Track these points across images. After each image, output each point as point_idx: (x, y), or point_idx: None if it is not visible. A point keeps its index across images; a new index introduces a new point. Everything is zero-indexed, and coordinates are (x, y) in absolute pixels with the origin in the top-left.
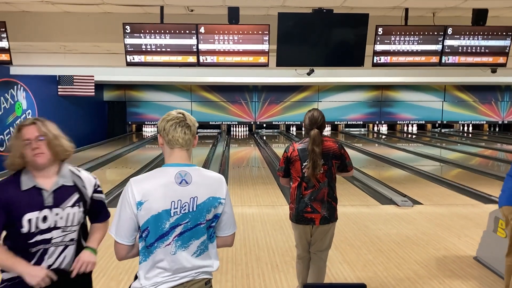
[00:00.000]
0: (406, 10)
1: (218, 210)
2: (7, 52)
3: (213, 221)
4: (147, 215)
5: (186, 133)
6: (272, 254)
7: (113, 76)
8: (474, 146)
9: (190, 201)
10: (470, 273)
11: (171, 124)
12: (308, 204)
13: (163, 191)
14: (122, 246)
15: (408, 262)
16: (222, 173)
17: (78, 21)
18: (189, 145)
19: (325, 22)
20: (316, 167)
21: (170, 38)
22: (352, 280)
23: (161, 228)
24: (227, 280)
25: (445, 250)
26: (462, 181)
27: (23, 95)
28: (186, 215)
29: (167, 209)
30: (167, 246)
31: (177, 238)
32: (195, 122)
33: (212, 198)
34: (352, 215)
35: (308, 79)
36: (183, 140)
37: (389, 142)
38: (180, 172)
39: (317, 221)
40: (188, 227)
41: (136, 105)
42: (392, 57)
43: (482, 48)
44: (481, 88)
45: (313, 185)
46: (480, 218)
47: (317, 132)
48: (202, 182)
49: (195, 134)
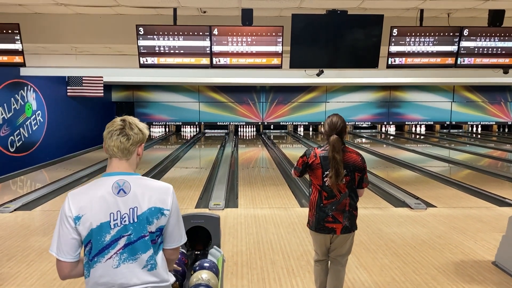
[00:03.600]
0: (421, 11)
1: (161, 222)
2: (20, 54)
3: (157, 234)
4: (87, 229)
5: (122, 142)
6: (287, 258)
7: (122, 76)
8: (483, 147)
9: (130, 212)
10: (490, 279)
11: (108, 132)
12: (329, 214)
13: (101, 203)
14: (65, 264)
15: (426, 266)
16: (232, 174)
17: (90, 23)
18: (128, 155)
19: (339, 23)
20: (339, 176)
21: (183, 40)
22: (370, 285)
23: (101, 242)
24: (243, 285)
25: (462, 255)
26: (473, 182)
27: (33, 96)
28: (128, 227)
29: (106, 221)
30: (108, 260)
31: (121, 251)
32: (140, 130)
33: (154, 209)
34: (365, 218)
35: (317, 79)
36: (118, 149)
37: (397, 143)
38: (118, 181)
39: (338, 231)
40: (131, 239)
41: (144, 105)
42: (407, 58)
43: (499, 49)
44: (490, 89)
45: (334, 195)
46: (495, 221)
47: (336, 138)
48: (142, 192)
49: (138, 143)
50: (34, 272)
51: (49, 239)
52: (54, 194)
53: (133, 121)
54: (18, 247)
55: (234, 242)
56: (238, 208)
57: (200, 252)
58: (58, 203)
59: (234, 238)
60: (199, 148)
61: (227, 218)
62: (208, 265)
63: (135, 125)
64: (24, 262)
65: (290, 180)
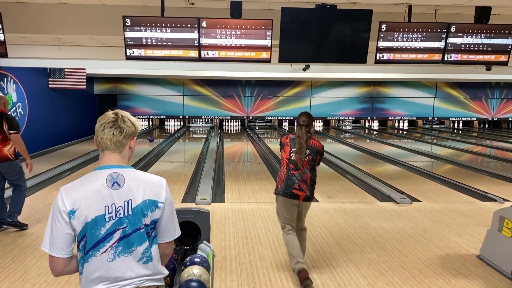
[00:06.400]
0: (410, 7)
1: (155, 215)
2: (2, 44)
3: (151, 227)
4: (81, 223)
5: (114, 135)
6: (275, 253)
7: (106, 69)
8: (465, 142)
9: (124, 205)
10: (475, 272)
11: (100, 125)
12: (296, 182)
13: (96, 196)
14: (59, 260)
15: (412, 260)
16: (218, 169)
17: (75, 13)
18: (121, 148)
19: (328, 17)
20: (302, 151)
21: (171, 32)
22: (358, 279)
23: (96, 235)
24: (233, 279)
25: (448, 249)
26: (455, 177)
27: (13, 87)
28: (123, 220)
29: (101, 215)
30: (103, 254)
31: (116, 244)
32: (132, 123)
33: (149, 201)
34: (352, 212)
35: (303, 74)
36: (111, 142)
37: (380, 138)
38: (112, 174)
39: (301, 198)
40: (126, 232)
41: (128, 98)
42: (395, 54)
43: (485, 46)
44: (472, 85)
45: (299, 168)
46: (478, 215)
47: (303, 128)
48: (136, 185)
49: (131, 136)
50: (18, 268)
51: (33, 234)
52: (36, 188)
53: (125, 114)
54: (1, 243)
55: (222, 237)
56: (225, 203)
57: (189, 247)
58: (40, 197)
59: (222, 232)
60: (183, 142)
61: (214, 212)
62: (199, 260)
63: (128, 118)
64: (8, 257)
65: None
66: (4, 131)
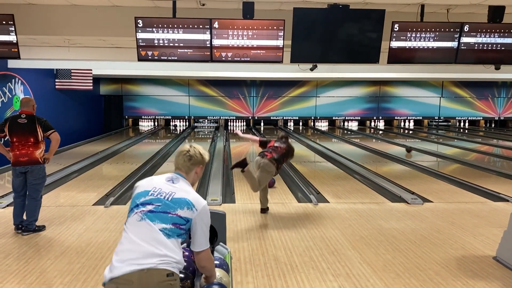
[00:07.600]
0: (422, 6)
1: (189, 214)
2: (15, 46)
3: (182, 222)
4: (134, 193)
5: (185, 161)
6: (290, 254)
7: (113, 70)
8: (471, 141)
9: (167, 193)
10: (492, 274)
11: (177, 153)
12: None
13: (152, 182)
14: None
15: (428, 262)
16: (226, 169)
17: (86, 14)
18: (188, 171)
19: (340, 18)
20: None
21: (183, 33)
22: (375, 281)
23: (136, 200)
24: (248, 282)
25: (463, 250)
26: (464, 177)
27: (21, 88)
28: (160, 200)
29: (147, 190)
30: (135, 215)
31: (146, 212)
32: (202, 155)
33: (188, 200)
34: (364, 213)
35: (310, 74)
36: (181, 165)
37: (386, 137)
38: (172, 175)
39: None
40: (158, 209)
41: (133, 99)
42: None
43: (498, 45)
44: (478, 84)
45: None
46: (491, 216)
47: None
48: (184, 189)
49: (199, 164)
50: (33, 270)
51: (46, 235)
52: (46, 189)
53: (197, 147)
54: (15, 244)
55: (235, 238)
56: (235, 204)
57: None
58: (50, 198)
59: (235, 234)
60: (189, 142)
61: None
62: (218, 263)
63: (198, 150)
64: (22, 259)
65: (286, 175)
66: (37, 135)
